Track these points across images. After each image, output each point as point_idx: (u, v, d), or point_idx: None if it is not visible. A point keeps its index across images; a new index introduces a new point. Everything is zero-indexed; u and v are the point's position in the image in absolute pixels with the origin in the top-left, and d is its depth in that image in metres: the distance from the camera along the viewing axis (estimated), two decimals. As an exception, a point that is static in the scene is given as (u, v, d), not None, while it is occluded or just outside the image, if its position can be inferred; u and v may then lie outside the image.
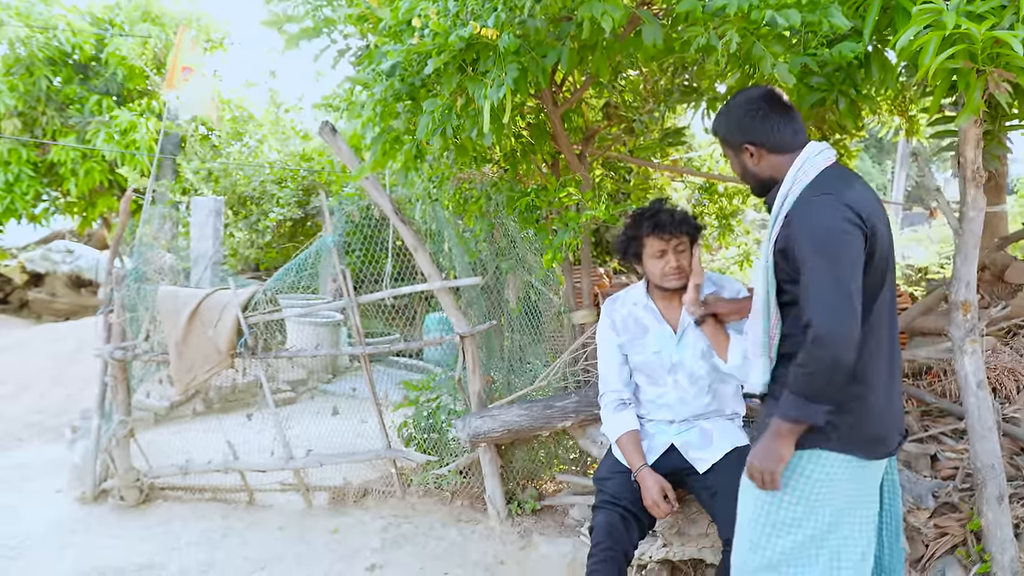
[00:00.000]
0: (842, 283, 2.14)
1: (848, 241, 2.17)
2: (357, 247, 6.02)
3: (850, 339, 2.13)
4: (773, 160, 2.43)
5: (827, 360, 2.13)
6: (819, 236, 2.18)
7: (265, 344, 4.54)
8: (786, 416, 2.23)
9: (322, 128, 4.13)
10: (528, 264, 4.42)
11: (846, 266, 2.15)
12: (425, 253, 4.17)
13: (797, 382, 2.20)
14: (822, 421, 2.20)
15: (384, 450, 4.62)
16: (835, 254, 2.16)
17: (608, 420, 3.19)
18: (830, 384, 2.16)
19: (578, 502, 4.33)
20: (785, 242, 2.29)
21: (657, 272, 3.01)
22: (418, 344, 4.42)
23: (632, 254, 3.06)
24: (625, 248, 3.07)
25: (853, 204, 2.21)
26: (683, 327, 3.11)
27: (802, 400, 2.19)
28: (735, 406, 3.23)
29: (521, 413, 3.94)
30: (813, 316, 2.15)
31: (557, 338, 4.75)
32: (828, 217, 2.20)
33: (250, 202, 10.98)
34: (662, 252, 2.97)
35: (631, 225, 3.01)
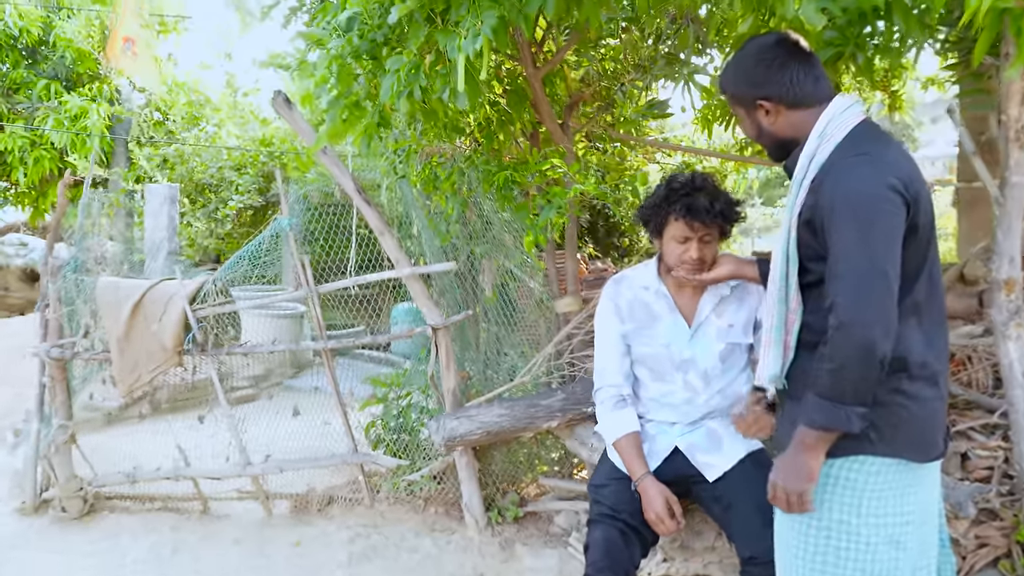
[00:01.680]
0: (876, 258, 1.80)
1: (887, 210, 1.82)
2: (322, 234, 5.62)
3: (885, 324, 1.79)
4: (793, 117, 2.07)
5: (857, 350, 1.79)
6: (853, 203, 1.83)
7: (216, 339, 4.10)
8: (812, 423, 1.88)
9: (274, 98, 3.70)
10: (505, 248, 4.02)
11: (881, 239, 1.81)
12: (392, 237, 3.76)
13: (823, 380, 1.85)
14: (858, 427, 1.84)
15: (350, 454, 4.22)
16: (869, 224, 1.81)
17: (605, 419, 2.82)
18: (863, 380, 1.81)
19: (564, 508, 3.96)
20: (811, 212, 1.93)
21: (674, 258, 2.63)
22: (387, 337, 4.01)
23: (652, 228, 2.68)
24: (648, 217, 2.67)
25: (894, 167, 1.86)
26: (699, 321, 2.74)
27: (830, 402, 1.84)
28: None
29: (502, 413, 3.55)
30: (839, 296, 1.82)
31: (536, 329, 4.37)
32: (865, 181, 1.84)
33: (208, 190, 10.46)
34: (686, 239, 2.59)
35: (663, 196, 2.61)
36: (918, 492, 2.00)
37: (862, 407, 1.83)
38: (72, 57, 10.73)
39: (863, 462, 1.94)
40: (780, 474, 1.96)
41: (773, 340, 2.06)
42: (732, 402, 2.81)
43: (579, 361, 3.74)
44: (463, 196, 3.67)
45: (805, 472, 1.91)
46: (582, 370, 3.71)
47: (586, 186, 2.96)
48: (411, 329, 3.87)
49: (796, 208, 1.98)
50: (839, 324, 1.81)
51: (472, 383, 4.25)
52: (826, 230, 1.89)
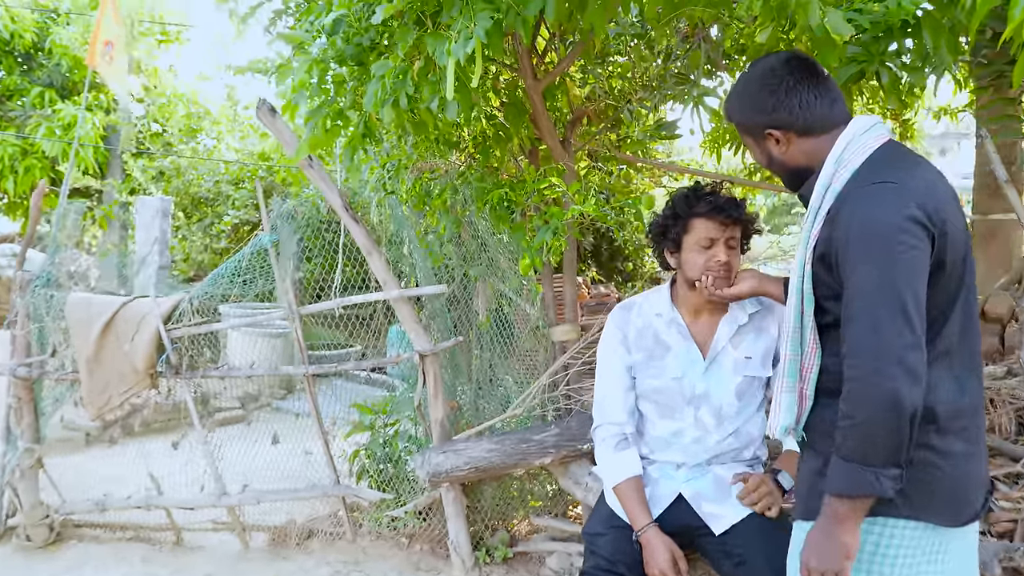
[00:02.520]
0: (897, 298, 1.58)
1: (908, 244, 1.60)
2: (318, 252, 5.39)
3: (910, 372, 1.56)
4: (806, 144, 1.86)
5: (880, 403, 1.56)
6: (869, 236, 1.62)
7: (191, 361, 3.87)
8: (839, 491, 1.65)
9: (259, 107, 3.49)
10: (501, 270, 3.79)
11: (904, 276, 1.59)
12: (380, 257, 3.53)
13: (846, 441, 1.63)
14: (891, 491, 1.61)
15: (331, 486, 3.97)
16: (888, 260, 1.59)
17: (605, 460, 2.56)
18: (892, 436, 1.58)
19: (557, 550, 3.70)
20: (827, 245, 1.72)
21: (699, 266, 2.39)
22: (371, 363, 3.77)
23: (671, 239, 2.45)
24: (664, 231, 2.46)
25: (919, 195, 1.64)
26: (715, 351, 2.49)
27: (856, 465, 1.61)
28: (757, 449, 2.62)
29: (491, 448, 3.30)
30: (855, 342, 1.60)
31: (533, 357, 4.12)
32: (885, 212, 1.62)
33: (204, 204, 10.26)
34: (711, 242, 2.37)
35: (678, 202, 2.41)
36: (948, 559, 1.76)
37: (894, 468, 1.60)
38: (68, 65, 10.57)
39: (884, 524, 1.71)
40: (813, 553, 1.71)
41: (786, 386, 1.83)
42: (745, 445, 2.57)
43: (575, 393, 3.50)
44: (456, 215, 3.45)
45: (840, 548, 1.66)
46: (579, 403, 3.47)
47: (586, 207, 2.73)
48: (399, 355, 3.63)
49: (811, 241, 1.76)
50: (856, 375, 1.60)
51: (462, 413, 4.01)
52: (841, 266, 1.67)
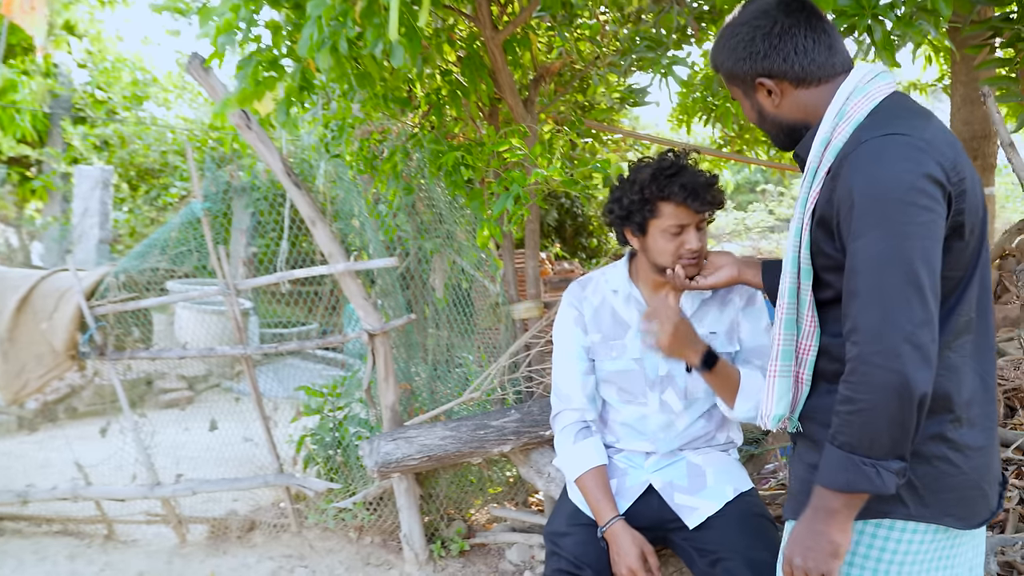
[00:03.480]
0: (911, 269, 1.35)
1: (923, 206, 1.36)
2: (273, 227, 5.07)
3: (921, 353, 1.34)
4: (802, 96, 1.61)
5: (885, 388, 1.34)
6: (877, 197, 1.38)
7: (118, 341, 3.53)
8: (833, 484, 1.42)
9: (190, 62, 3.15)
10: (458, 243, 3.51)
11: (916, 242, 1.35)
12: (325, 227, 3.22)
13: (844, 428, 1.40)
14: (893, 487, 1.39)
15: (274, 476, 3.67)
16: (900, 224, 1.36)
17: (565, 451, 2.32)
18: (897, 426, 1.36)
19: (517, 541, 3.46)
20: (827, 208, 1.47)
21: (668, 254, 2.12)
22: (316, 343, 3.47)
23: (635, 223, 2.14)
24: (628, 211, 2.13)
25: (934, 149, 1.40)
26: None
27: (855, 457, 1.39)
28: (731, 433, 2.39)
29: (446, 435, 3.03)
30: (860, 319, 1.38)
31: (492, 335, 3.86)
32: (895, 168, 1.38)
33: (151, 175, 9.79)
34: (681, 228, 2.09)
35: (649, 179, 2.07)
36: (957, 563, 1.55)
37: (898, 461, 1.38)
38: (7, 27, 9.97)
39: (891, 528, 1.50)
40: (797, 548, 1.49)
41: (779, 371, 1.59)
42: (718, 428, 2.34)
43: (537, 375, 3.25)
44: (407, 182, 3.15)
45: (828, 546, 1.44)
46: (541, 386, 3.21)
47: (551, 171, 2.46)
48: (345, 335, 3.34)
49: (808, 205, 1.51)
50: (860, 356, 1.37)
51: (416, 397, 3.73)
52: (843, 232, 1.44)
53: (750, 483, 2.27)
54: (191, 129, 9.88)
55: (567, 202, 10.31)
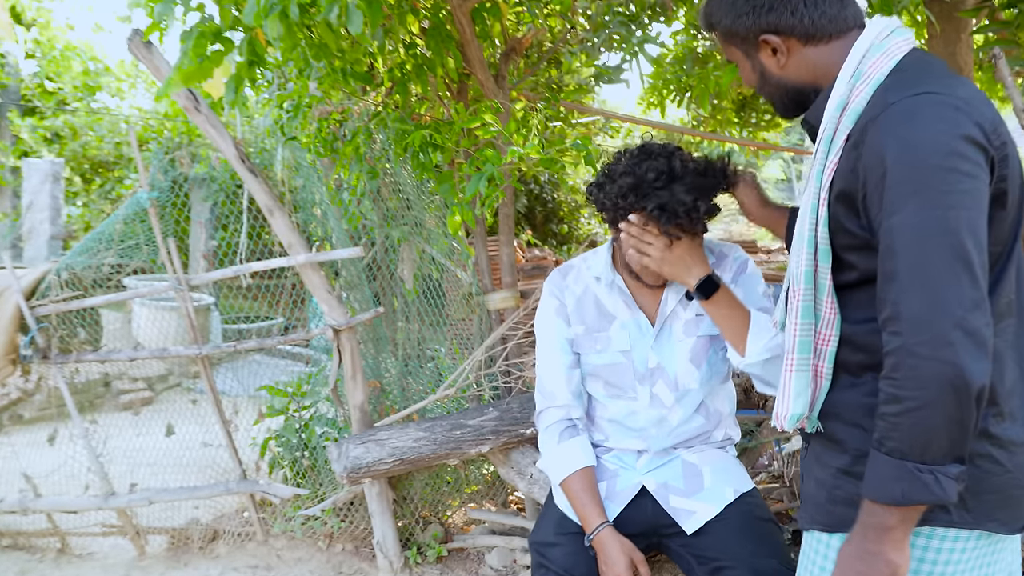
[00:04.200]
0: (958, 242, 1.16)
1: (965, 171, 1.18)
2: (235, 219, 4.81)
3: (976, 339, 1.16)
4: (811, 54, 1.43)
5: (940, 383, 1.15)
6: (916, 164, 1.19)
7: (62, 344, 3.28)
8: (887, 497, 1.23)
9: (131, 40, 2.90)
10: (427, 230, 3.29)
11: (962, 213, 1.17)
12: (284, 217, 3.00)
13: (894, 433, 1.21)
14: (955, 494, 1.21)
15: (236, 482, 3.45)
16: (943, 193, 1.17)
17: (550, 451, 2.13)
18: (955, 425, 1.18)
19: (498, 545, 3.27)
20: (849, 180, 1.29)
21: (634, 260, 1.96)
22: (277, 340, 3.24)
23: (610, 220, 1.98)
24: (603, 207, 1.97)
25: (972, 108, 1.22)
26: (664, 317, 2.09)
27: (910, 464, 1.20)
28: (729, 429, 2.22)
29: (419, 436, 2.83)
30: (902, 305, 1.19)
31: (466, 327, 3.65)
32: (935, 131, 1.19)
33: (105, 168, 9.43)
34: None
35: (626, 190, 1.88)
36: (997, 572, 1.39)
37: (956, 464, 1.20)
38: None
39: (930, 536, 1.33)
40: (849, 574, 1.30)
41: (796, 365, 1.41)
42: (715, 425, 2.17)
43: (515, 369, 3.05)
44: (371, 165, 2.93)
45: (885, 568, 1.27)
46: (520, 380, 3.02)
47: (527, 149, 2.25)
48: (308, 331, 3.11)
49: (825, 178, 1.33)
50: (905, 347, 1.18)
51: (388, 394, 3.53)
52: (871, 206, 1.25)
53: (751, 483, 2.10)
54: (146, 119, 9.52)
55: (536, 188, 10.12)
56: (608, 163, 1.99)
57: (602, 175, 1.98)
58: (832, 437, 1.43)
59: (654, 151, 1.91)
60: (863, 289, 1.33)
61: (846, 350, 1.39)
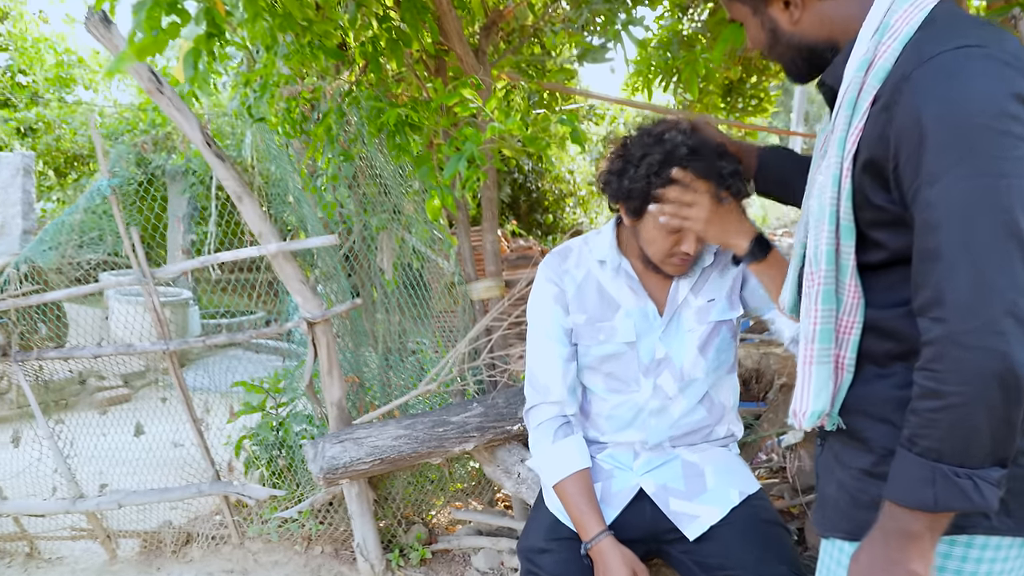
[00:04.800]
0: (1010, 218, 1.01)
1: (1018, 134, 1.02)
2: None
3: None
4: (828, 8, 1.28)
5: (986, 374, 1.02)
6: (963, 125, 1.04)
7: (22, 340, 3.10)
8: (916, 502, 1.09)
9: (88, 18, 2.72)
10: (406, 217, 3.14)
11: (1016, 184, 1.02)
12: (254, 204, 2.83)
13: (929, 431, 1.07)
14: (996, 502, 1.07)
15: (209, 484, 3.29)
16: (995, 159, 1.02)
17: (543, 451, 1.97)
18: (1002, 424, 1.04)
19: (484, 546, 3.13)
20: (878, 147, 1.14)
21: (659, 250, 1.81)
22: (249, 335, 3.06)
23: (633, 206, 1.78)
24: (628, 192, 1.76)
25: (1021, 63, 1.06)
26: (675, 305, 1.93)
27: (945, 467, 1.07)
28: (732, 424, 2.08)
29: (400, 434, 2.68)
30: (945, 288, 1.04)
31: (449, 319, 3.51)
32: (981, 88, 1.04)
33: (80, 162, 9.21)
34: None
35: (657, 165, 1.69)
36: None
37: (998, 468, 1.06)
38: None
39: (969, 545, 1.19)
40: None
41: (817, 356, 1.26)
42: (718, 419, 2.02)
43: (501, 362, 2.91)
44: (345, 147, 2.77)
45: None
46: (506, 374, 2.87)
47: (508, 125, 2.10)
48: (280, 325, 2.96)
49: (848, 146, 1.18)
50: (948, 335, 1.04)
51: (368, 390, 3.37)
52: (905, 176, 1.10)
53: (756, 483, 1.96)
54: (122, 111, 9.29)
55: (521, 178, 9.96)
56: (615, 152, 1.81)
57: (617, 164, 1.79)
58: (856, 435, 1.29)
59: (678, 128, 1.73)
60: (892, 270, 1.19)
61: (871, 338, 1.25)
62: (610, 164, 1.82)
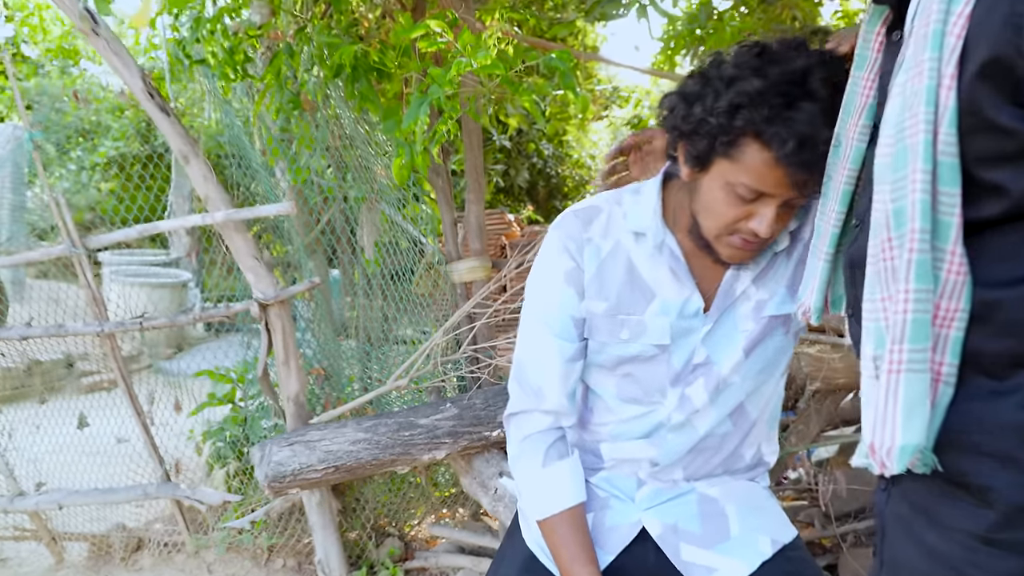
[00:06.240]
0: None
1: None
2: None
3: None
4: None
5: None
6: None
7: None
8: None
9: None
10: (377, 182, 2.72)
11: None
12: (201, 164, 2.43)
13: None
14: None
15: (157, 486, 2.90)
16: None
17: (529, 474, 1.48)
18: None
19: (465, 566, 2.72)
20: (1002, 39, 0.70)
21: (721, 219, 1.29)
22: (191, 318, 2.66)
23: (698, 148, 1.27)
24: (695, 127, 1.25)
25: None
26: (731, 298, 1.42)
27: None
28: (763, 444, 1.60)
29: (359, 438, 2.27)
30: None
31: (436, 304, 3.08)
32: None
33: (84, 137, 8.91)
34: (759, 195, 1.24)
35: (753, 97, 1.17)
36: None
37: None
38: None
39: None
40: None
41: (908, 361, 0.82)
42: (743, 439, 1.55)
43: (485, 355, 2.48)
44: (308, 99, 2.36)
45: None
46: (489, 369, 2.45)
47: (480, 60, 1.67)
48: (229, 307, 2.55)
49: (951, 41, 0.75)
50: None
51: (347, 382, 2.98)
52: None
53: (793, 530, 1.48)
54: (126, 84, 8.95)
55: (540, 163, 9.53)
56: (706, 64, 1.27)
57: (694, 85, 1.27)
58: (961, 480, 0.84)
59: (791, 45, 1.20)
60: (1014, 229, 0.76)
61: (981, 334, 0.81)
62: (683, 85, 1.30)
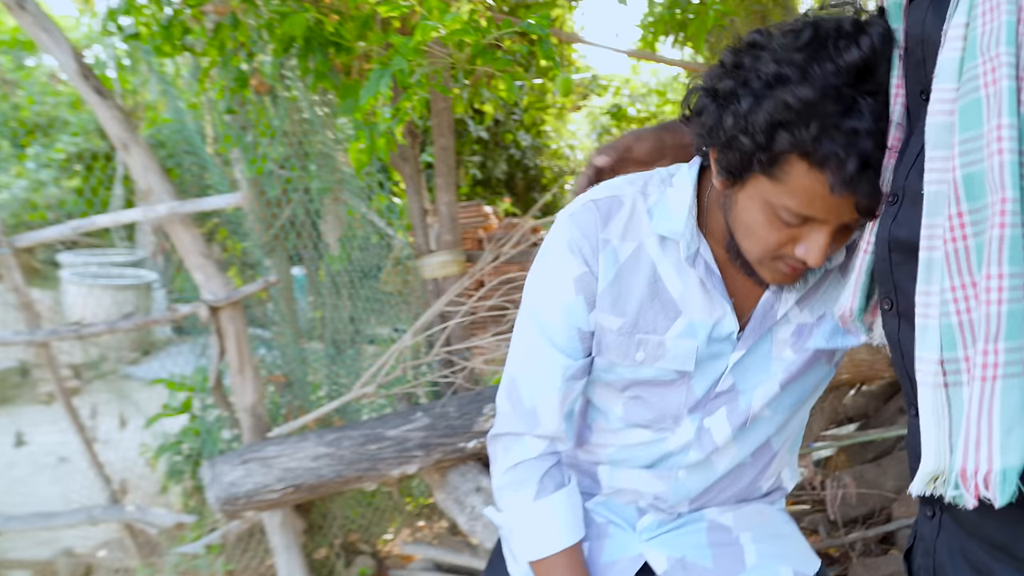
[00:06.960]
0: None
1: None
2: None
3: None
4: None
5: None
6: None
7: None
8: None
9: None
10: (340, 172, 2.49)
11: None
12: (141, 152, 2.19)
13: None
14: None
15: (103, 508, 2.66)
16: None
17: (520, 507, 1.23)
18: None
19: (441, 587, 2.50)
20: None
21: (762, 243, 1.04)
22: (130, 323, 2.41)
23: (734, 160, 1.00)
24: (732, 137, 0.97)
25: None
26: (769, 321, 1.18)
27: None
28: (783, 471, 1.36)
29: (321, 452, 2.04)
30: None
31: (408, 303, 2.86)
32: None
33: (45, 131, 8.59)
34: (805, 220, 1.00)
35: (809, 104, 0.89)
36: None
37: None
38: None
39: None
40: None
41: (1004, 365, 0.61)
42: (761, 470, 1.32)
43: (458, 357, 2.26)
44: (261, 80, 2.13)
45: None
46: (462, 373, 2.23)
47: (449, 24, 1.46)
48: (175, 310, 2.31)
49: None
50: None
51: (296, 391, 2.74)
52: None
53: (816, 559, 1.27)
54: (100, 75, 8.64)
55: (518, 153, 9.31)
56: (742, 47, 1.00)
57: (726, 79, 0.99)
58: None
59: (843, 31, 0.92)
60: None
61: None
62: (713, 76, 1.02)
